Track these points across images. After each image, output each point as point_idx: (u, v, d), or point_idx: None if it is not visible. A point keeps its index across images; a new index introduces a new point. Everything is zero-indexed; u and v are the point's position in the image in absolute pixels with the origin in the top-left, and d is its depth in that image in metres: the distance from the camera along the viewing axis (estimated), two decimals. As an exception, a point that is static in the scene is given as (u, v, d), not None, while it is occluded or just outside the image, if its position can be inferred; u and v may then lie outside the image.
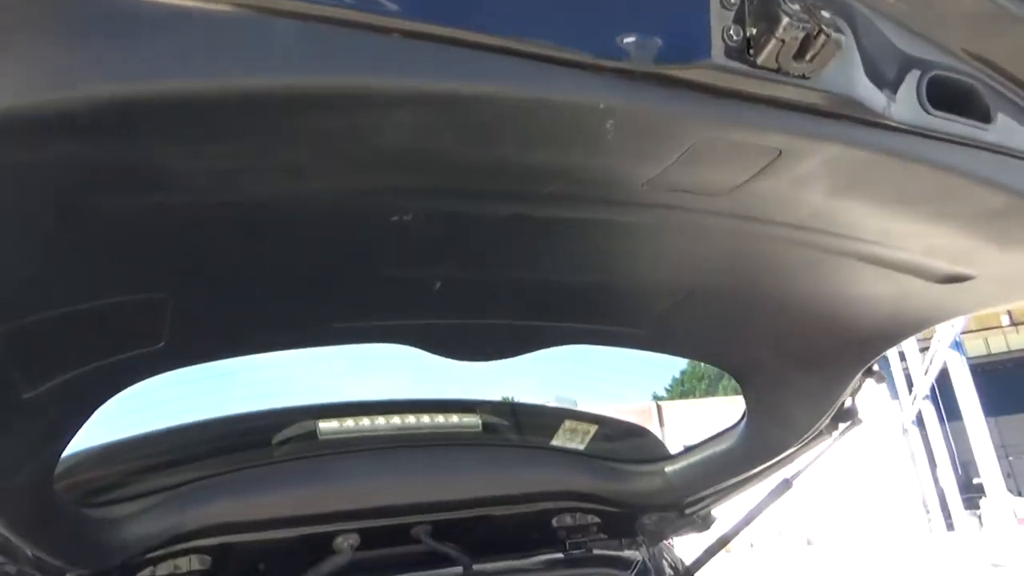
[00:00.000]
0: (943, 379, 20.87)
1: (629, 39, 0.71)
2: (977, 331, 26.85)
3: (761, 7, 0.72)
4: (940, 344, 17.93)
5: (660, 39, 0.72)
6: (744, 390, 1.59)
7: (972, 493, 25.82)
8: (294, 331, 1.26)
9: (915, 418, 28.26)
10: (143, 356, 1.09)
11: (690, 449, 1.84)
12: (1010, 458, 26.61)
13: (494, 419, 1.79)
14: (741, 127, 0.79)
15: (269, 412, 1.64)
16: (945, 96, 0.87)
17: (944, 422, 24.91)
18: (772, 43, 0.72)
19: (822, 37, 0.73)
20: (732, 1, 0.73)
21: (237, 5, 0.60)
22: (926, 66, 0.87)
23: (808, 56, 0.74)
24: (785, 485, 1.77)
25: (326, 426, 1.60)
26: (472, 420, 1.75)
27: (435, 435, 1.71)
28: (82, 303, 0.91)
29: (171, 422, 1.54)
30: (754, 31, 0.73)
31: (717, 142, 0.81)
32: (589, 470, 1.84)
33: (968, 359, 17.62)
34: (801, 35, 0.72)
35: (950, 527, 26.03)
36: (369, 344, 1.44)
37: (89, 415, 1.11)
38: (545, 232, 1.03)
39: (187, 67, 0.60)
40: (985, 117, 0.90)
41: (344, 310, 1.24)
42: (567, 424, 1.84)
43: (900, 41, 0.86)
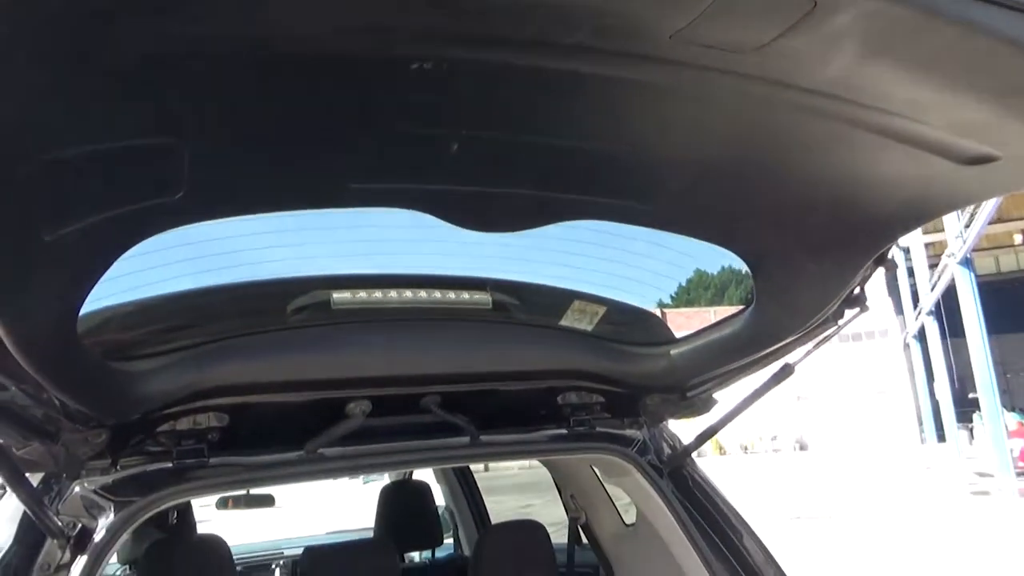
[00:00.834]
0: (949, 295, 20.91)
1: None
2: (988, 249, 26.73)
3: None
4: (950, 260, 17.84)
5: None
6: (754, 274, 1.59)
7: (966, 407, 26.38)
8: (311, 190, 1.27)
9: (917, 333, 28.52)
10: (161, 207, 1.10)
11: (695, 333, 1.87)
12: (1007, 375, 26.98)
13: (504, 297, 1.81)
14: None
15: (284, 280, 1.66)
16: None
17: (946, 338, 25.19)
18: None
19: None
20: None
21: None
22: None
23: None
24: (787, 370, 1.80)
25: (339, 296, 1.63)
26: (483, 297, 1.77)
27: (446, 310, 1.74)
28: (98, 143, 0.91)
29: (190, 285, 1.56)
30: None
31: None
32: (595, 350, 1.87)
33: (977, 276, 17.57)
34: None
35: (941, 439, 26.71)
36: (385, 212, 1.44)
37: (110, 263, 1.13)
38: (565, 90, 1.01)
39: None
40: None
41: (362, 169, 1.23)
42: (576, 305, 1.86)
43: None
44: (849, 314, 1.65)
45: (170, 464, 1.60)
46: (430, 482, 3.75)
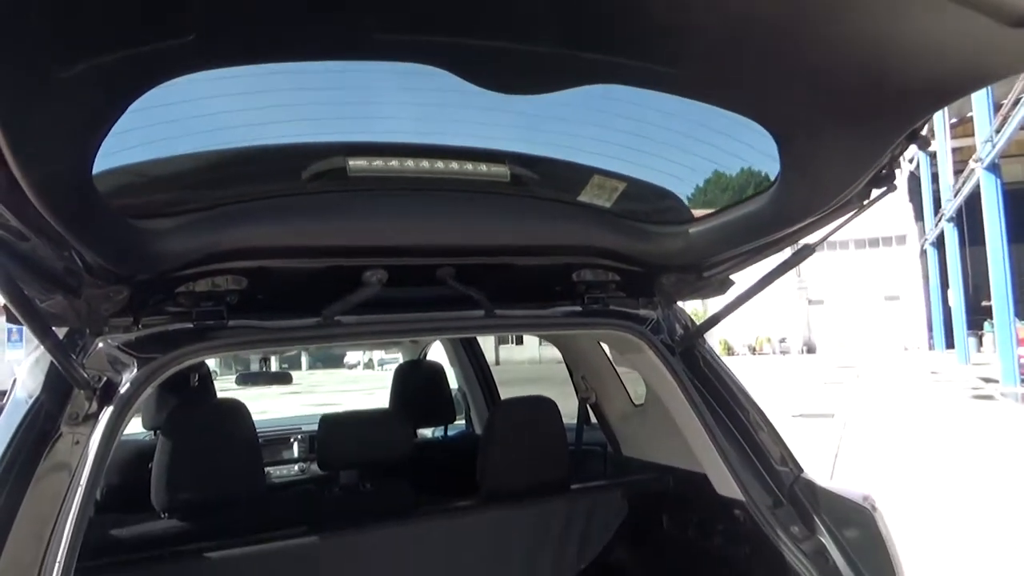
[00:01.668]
0: (971, 202, 20.56)
1: None
2: (1017, 156, 26.01)
3: None
4: (977, 165, 17.43)
5: None
6: (780, 147, 1.55)
7: (977, 315, 26.43)
8: (331, 38, 1.22)
9: (935, 240, 28.25)
10: (175, 49, 1.06)
11: (715, 212, 1.84)
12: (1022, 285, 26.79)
13: (522, 171, 1.78)
14: None
15: (300, 145, 1.63)
16: None
17: (964, 246, 24.96)
18: None
19: None
20: None
21: None
22: None
23: None
24: (806, 251, 1.78)
25: (356, 164, 1.60)
26: (501, 170, 1.74)
27: (464, 182, 1.71)
28: None
29: (205, 146, 1.54)
30: None
31: None
32: (613, 227, 1.86)
33: (1002, 183, 17.21)
34: None
35: (950, 345, 26.90)
36: (406, 74, 1.40)
37: (124, 107, 1.11)
38: None
39: None
40: None
41: (386, 19, 1.18)
42: (595, 180, 1.83)
43: None
44: (875, 193, 1.61)
45: (190, 324, 1.63)
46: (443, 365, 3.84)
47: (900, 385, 18.06)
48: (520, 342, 38.39)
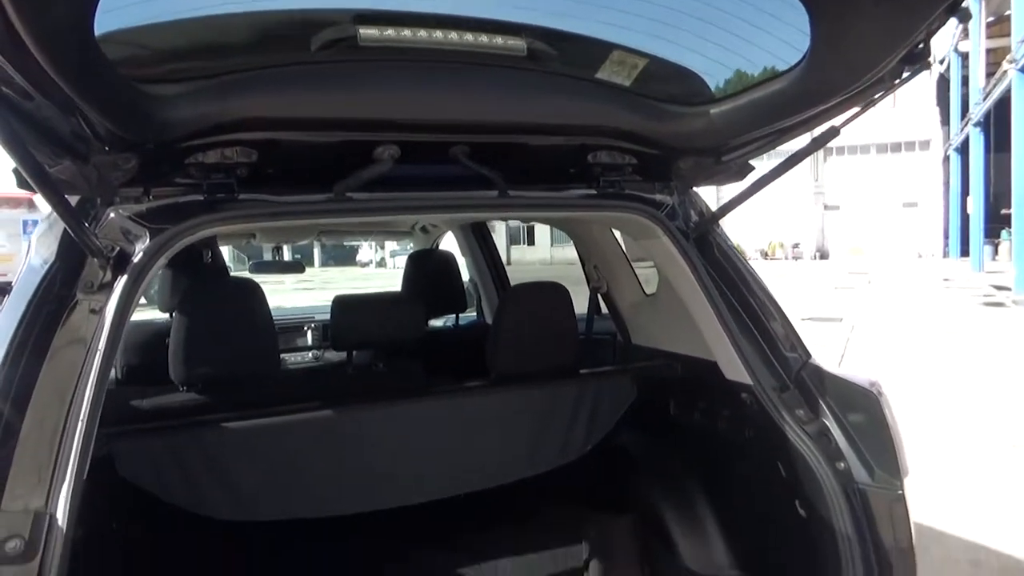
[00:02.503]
0: (1000, 107, 19.94)
1: None
2: (1054, 57, 24.97)
3: None
4: (1010, 67, 16.76)
5: None
6: (812, 20, 1.47)
7: (996, 224, 26.08)
8: None
9: (960, 145, 27.56)
10: None
11: (738, 92, 1.77)
12: (1046, 193, 26.25)
13: (540, 44, 1.70)
14: None
15: (309, 12, 1.57)
16: None
17: (989, 152, 24.37)
18: None
19: None
20: None
21: None
22: None
23: None
24: (831, 133, 1.72)
25: (367, 32, 1.54)
26: (517, 43, 1.67)
27: (479, 54, 1.65)
28: None
29: (212, 10, 1.48)
30: None
31: None
32: (632, 106, 1.80)
33: (1035, 86, 16.58)
34: None
35: (964, 253, 26.71)
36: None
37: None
38: None
39: None
40: None
41: None
42: (615, 56, 1.76)
43: None
44: (907, 72, 1.54)
45: (201, 196, 1.62)
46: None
47: (911, 291, 18.06)
48: (531, 242, 38.45)
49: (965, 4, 1.40)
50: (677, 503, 2.35)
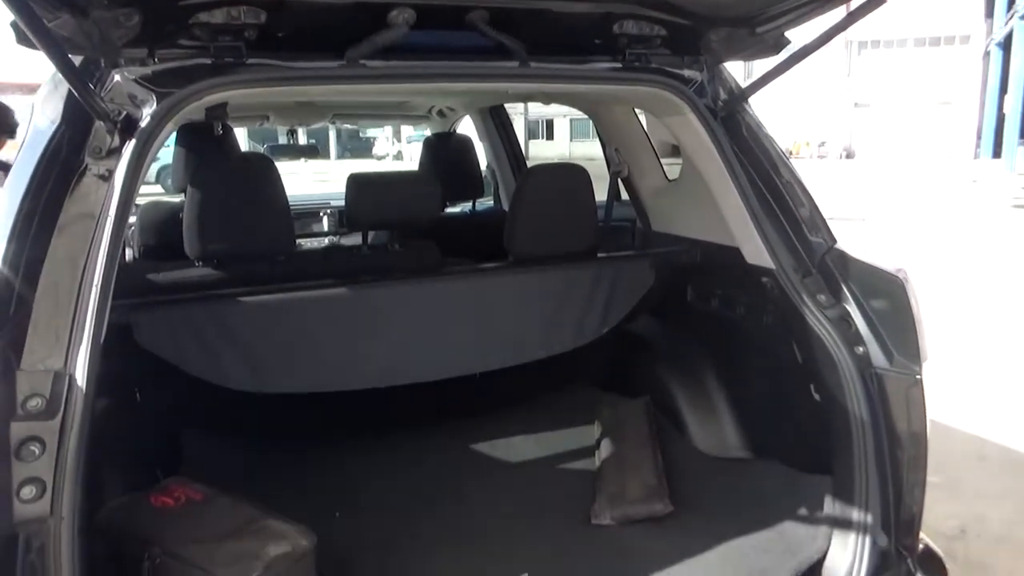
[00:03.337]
0: (1051, -3, 18.81)
1: None
2: (1115, -57, 23.38)
3: None
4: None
5: None
6: None
7: (1032, 124, 25.11)
8: None
9: (1002, 40, 26.25)
10: None
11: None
12: (1089, 92, 25.16)
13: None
14: None
15: None
16: None
17: (1033, 47, 23.17)
18: None
19: None
20: None
21: None
22: None
23: None
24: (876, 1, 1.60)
25: None
26: None
27: None
28: None
29: None
30: None
31: None
32: None
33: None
34: None
35: (996, 155, 25.92)
36: None
37: None
38: None
39: None
40: None
41: None
42: (647, -88, 1.63)
43: None
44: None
45: (208, 60, 1.55)
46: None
47: (938, 191, 17.68)
48: (550, 137, 37.73)
49: None
50: (690, 387, 2.36)
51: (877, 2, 1.62)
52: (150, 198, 3.72)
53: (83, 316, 1.31)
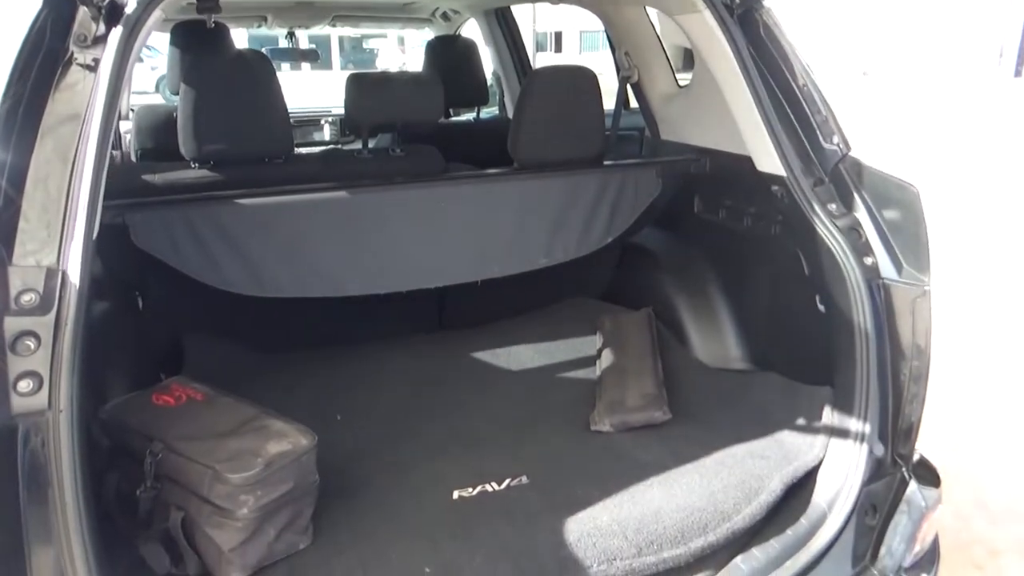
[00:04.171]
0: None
1: None
2: None
3: None
4: None
5: None
6: None
7: (1058, 41, 24.23)
8: None
9: (1034, -50, 25.04)
10: None
11: None
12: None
13: None
14: None
15: None
16: None
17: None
18: None
19: None
20: None
21: None
22: None
23: None
24: None
25: None
26: None
27: None
28: None
29: None
30: None
31: None
32: None
33: None
34: None
35: (1018, 73, 25.17)
36: None
37: None
38: None
39: None
40: None
41: None
42: None
43: None
44: None
45: None
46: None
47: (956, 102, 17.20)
48: (559, 49, 36.62)
49: None
50: (693, 299, 2.34)
51: None
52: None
53: (74, 212, 1.28)
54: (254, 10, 3.53)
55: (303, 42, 4.94)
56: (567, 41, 36.35)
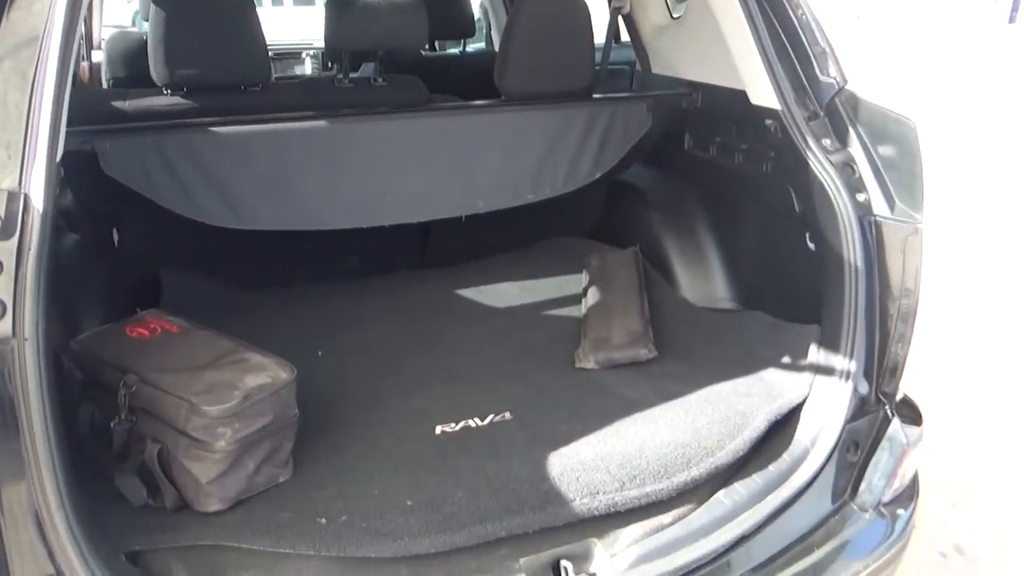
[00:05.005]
0: None
1: None
2: None
3: None
4: None
5: None
6: None
7: (1054, -12, 23.90)
8: None
9: None
10: None
11: None
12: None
13: None
14: None
15: None
16: None
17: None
18: None
19: None
20: None
21: None
22: None
23: None
24: None
25: None
26: None
27: None
28: None
29: None
30: None
31: None
32: None
33: None
34: None
35: (1012, 19, 24.86)
36: None
37: None
38: None
39: None
40: None
41: None
42: None
43: None
44: None
45: None
46: None
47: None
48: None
49: None
50: (681, 237, 2.31)
51: None
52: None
53: (35, 134, 1.21)
54: None
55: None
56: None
